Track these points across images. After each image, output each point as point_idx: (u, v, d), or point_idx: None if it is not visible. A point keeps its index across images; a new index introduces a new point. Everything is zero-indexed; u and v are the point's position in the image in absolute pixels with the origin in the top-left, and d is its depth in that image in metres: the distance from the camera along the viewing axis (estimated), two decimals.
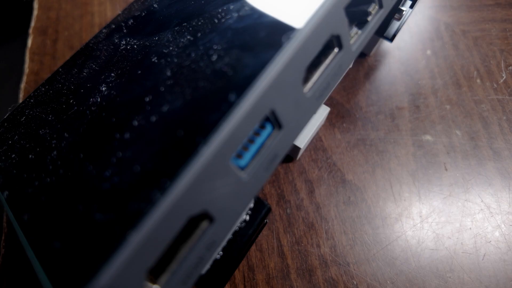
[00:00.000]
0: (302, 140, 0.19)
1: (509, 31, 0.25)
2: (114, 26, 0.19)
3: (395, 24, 0.20)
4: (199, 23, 0.14)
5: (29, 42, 0.25)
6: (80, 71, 0.17)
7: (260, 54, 0.11)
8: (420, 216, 0.19)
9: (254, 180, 0.11)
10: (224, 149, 0.09)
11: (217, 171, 0.09)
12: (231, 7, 0.14)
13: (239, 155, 0.11)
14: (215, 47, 0.12)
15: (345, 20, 0.12)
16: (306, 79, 0.12)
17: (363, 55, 0.24)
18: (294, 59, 0.11)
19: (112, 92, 0.14)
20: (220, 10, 0.14)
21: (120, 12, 0.20)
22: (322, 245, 0.19)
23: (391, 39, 0.21)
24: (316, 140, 0.21)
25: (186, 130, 0.10)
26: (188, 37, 0.14)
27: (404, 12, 0.19)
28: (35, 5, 0.26)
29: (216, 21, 0.14)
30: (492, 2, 0.26)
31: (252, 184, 0.11)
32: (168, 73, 0.13)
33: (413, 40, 0.25)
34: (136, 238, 0.08)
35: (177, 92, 0.11)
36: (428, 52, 0.24)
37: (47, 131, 0.15)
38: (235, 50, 0.11)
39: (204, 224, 0.10)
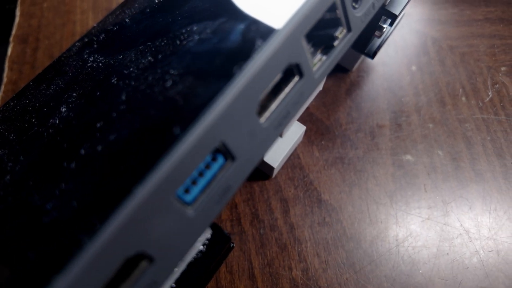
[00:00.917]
0: (276, 160, 0.19)
1: (497, 47, 0.24)
2: (86, 40, 0.19)
3: (376, 41, 0.20)
4: (162, 44, 0.14)
5: (9, 50, 0.25)
6: (47, 88, 0.17)
7: (212, 84, 0.10)
8: (396, 240, 0.19)
9: (202, 215, 0.10)
10: (164, 186, 0.09)
11: (157, 208, 0.09)
12: (195, 28, 0.13)
13: (187, 190, 0.10)
14: (171, 71, 0.12)
15: (304, 48, 0.11)
16: (263, 108, 0.11)
17: (345, 71, 0.23)
18: (245, 90, 0.10)
19: (70, 114, 0.14)
20: (184, 31, 0.14)
21: (95, 25, 0.20)
22: (294, 268, 0.18)
23: (372, 56, 0.20)
24: (294, 158, 0.21)
25: (126, 165, 0.09)
26: (149, 58, 0.13)
27: (384, 30, 0.19)
28: (17, 12, 0.26)
29: (178, 42, 0.13)
30: (482, 17, 0.25)
31: (199, 219, 0.10)
32: (123, 97, 0.12)
33: (399, 55, 0.24)
34: (61, 285, 0.08)
35: (127, 120, 0.11)
36: (414, 67, 0.24)
37: (6, 151, 0.14)
38: (189, 77, 0.11)
39: (144, 264, 0.09)
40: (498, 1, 0.26)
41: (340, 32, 0.13)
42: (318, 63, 0.13)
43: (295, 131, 0.19)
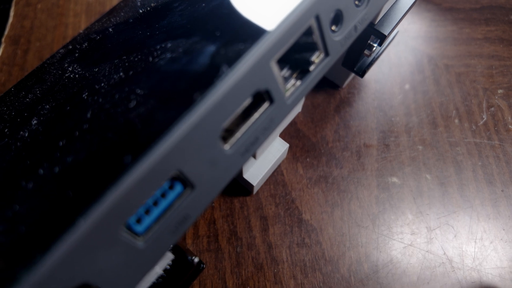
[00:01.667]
0: (256, 177, 0.18)
1: (495, 68, 0.24)
2: (70, 47, 0.18)
3: (366, 59, 0.19)
4: (136, 59, 0.13)
5: (0, 51, 0.24)
6: (25, 96, 0.17)
7: (172, 109, 0.10)
8: (376, 266, 0.18)
9: (154, 246, 0.10)
10: (110, 217, 0.09)
11: (103, 240, 0.09)
12: (169, 45, 0.13)
13: (139, 220, 0.10)
14: (137, 91, 0.11)
15: (274, 74, 0.11)
16: (230, 133, 0.11)
17: (336, 87, 0.23)
18: (206, 118, 0.10)
19: (39, 128, 0.13)
20: (158, 47, 0.13)
21: (81, 31, 0.19)
22: None
23: (361, 74, 0.20)
24: (277, 174, 0.20)
25: (75, 192, 0.09)
26: (121, 73, 0.13)
27: (374, 49, 0.18)
28: (11, 13, 0.26)
29: (150, 59, 0.13)
30: (481, 36, 0.25)
31: (151, 250, 0.10)
32: (88, 115, 0.12)
33: (392, 72, 0.23)
34: None
35: (86, 141, 0.11)
36: (407, 86, 0.23)
37: None
38: (152, 100, 0.11)
39: None
40: (499, 21, 0.25)
41: (317, 56, 0.12)
42: (292, 89, 0.12)
43: (277, 149, 0.19)
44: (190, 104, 0.10)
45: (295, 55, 0.12)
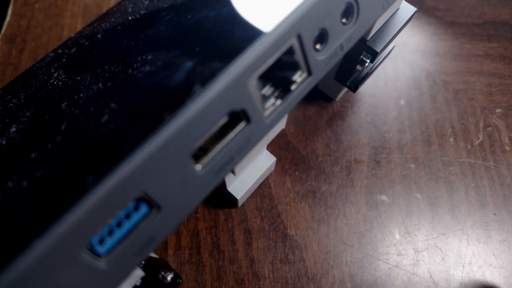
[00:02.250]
0: (241, 190, 0.18)
1: (495, 86, 0.23)
2: (60, 51, 0.18)
3: (359, 74, 0.19)
4: (116, 70, 0.13)
5: None
6: (10, 100, 0.16)
7: (141, 127, 0.10)
8: (359, 286, 0.18)
9: (117, 267, 0.10)
10: (69, 238, 0.08)
11: (61, 261, 0.09)
12: (149, 57, 0.13)
13: (102, 240, 0.10)
14: (112, 105, 0.11)
15: (251, 94, 0.11)
16: (203, 152, 0.11)
17: (329, 99, 0.22)
18: (175, 138, 0.09)
19: (16, 136, 0.13)
20: (139, 59, 0.13)
21: (72, 35, 0.19)
22: None
23: (353, 89, 0.19)
24: (265, 186, 0.20)
25: (37, 210, 0.09)
26: (100, 85, 0.13)
27: (366, 64, 0.18)
28: (9, 11, 0.26)
29: (130, 71, 0.13)
30: (482, 52, 0.24)
31: (113, 271, 0.10)
32: (63, 127, 0.12)
33: (388, 86, 0.23)
34: None
35: (56, 155, 0.11)
36: (402, 101, 0.22)
37: None
38: (124, 115, 0.11)
39: None
40: (502, 37, 0.25)
41: (299, 76, 0.12)
42: (271, 108, 0.12)
43: (264, 162, 0.18)
44: (159, 124, 0.10)
45: (277, 73, 0.12)
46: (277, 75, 0.12)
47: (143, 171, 0.09)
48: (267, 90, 0.12)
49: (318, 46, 0.12)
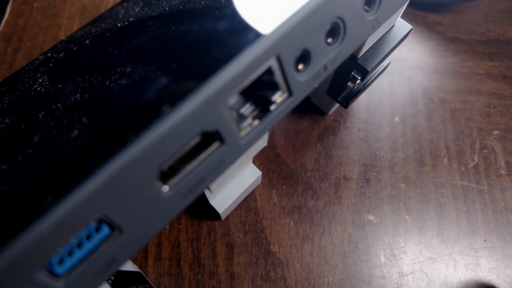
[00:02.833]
0: (223, 205, 0.18)
1: (494, 107, 0.22)
2: (49, 55, 0.18)
3: (351, 91, 0.19)
4: (95, 81, 0.13)
5: None
6: None
7: (105, 146, 0.09)
8: None
9: None
10: (24, 258, 0.08)
11: (17, 281, 0.08)
12: (128, 69, 0.13)
13: (61, 260, 0.09)
14: (83, 119, 0.11)
15: (225, 115, 0.10)
16: (173, 172, 0.10)
17: (321, 113, 0.22)
18: (139, 159, 0.09)
19: None
20: (118, 70, 0.13)
21: (64, 38, 0.19)
22: None
23: (345, 105, 0.19)
24: (250, 200, 0.20)
25: None
26: (78, 95, 0.13)
27: (358, 82, 0.17)
28: (8, 9, 0.26)
29: (107, 83, 0.12)
30: (483, 71, 0.24)
31: None
32: (36, 139, 0.12)
33: (383, 102, 0.22)
34: None
35: (24, 169, 0.10)
36: (396, 119, 0.22)
37: None
38: (91, 132, 0.10)
39: None
40: (505, 56, 0.24)
41: (279, 96, 0.12)
42: (248, 128, 0.11)
43: (249, 176, 0.18)
44: (122, 145, 0.09)
45: (256, 92, 0.12)
46: (257, 95, 0.12)
47: (102, 193, 0.09)
48: (246, 109, 0.12)
49: (300, 66, 0.12)
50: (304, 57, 0.12)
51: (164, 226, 0.11)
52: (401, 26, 0.17)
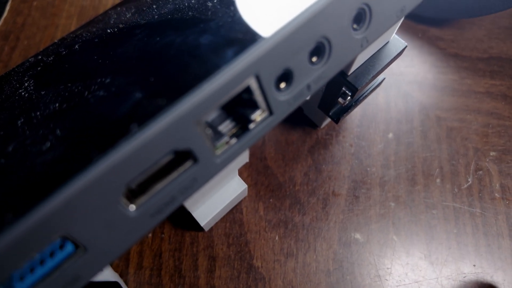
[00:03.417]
0: (206, 217, 0.17)
1: (492, 127, 0.22)
2: (39, 57, 0.18)
3: (342, 106, 0.18)
4: (76, 90, 0.13)
5: None
6: None
7: (70, 164, 0.09)
8: None
9: None
10: None
11: None
12: (107, 81, 0.12)
13: (22, 277, 0.09)
14: (57, 131, 0.11)
15: (198, 134, 0.10)
16: (141, 190, 0.10)
17: (314, 126, 0.22)
18: (102, 179, 0.09)
19: None
20: (98, 81, 0.13)
21: (56, 40, 0.19)
22: None
23: (336, 120, 0.18)
24: (236, 211, 0.20)
25: None
26: (57, 105, 0.12)
27: (348, 98, 0.17)
28: (7, 7, 0.26)
29: (86, 94, 0.12)
30: (483, 89, 0.23)
31: None
32: (10, 148, 0.11)
33: (377, 117, 0.22)
34: None
35: None
36: (390, 135, 0.21)
37: None
38: (61, 147, 0.10)
39: None
40: (506, 75, 0.23)
41: (259, 115, 0.11)
42: (225, 147, 0.11)
43: (234, 189, 0.18)
44: (87, 163, 0.09)
45: (235, 110, 0.12)
46: (236, 112, 0.12)
47: (65, 211, 0.09)
48: (225, 126, 0.12)
49: (282, 85, 0.12)
50: (286, 76, 0.12)
51: (131, 245, 0.10)
52: (396, 43, 0.17)
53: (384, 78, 0.19)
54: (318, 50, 0.12)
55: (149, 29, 0.14)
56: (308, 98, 0.12)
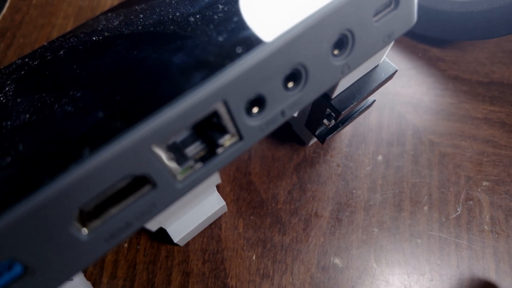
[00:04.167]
0: (180, 233, 0.17)
1: (487, 156, 0.21)
2: (26, 60, 0.18)
3: (327, 127, 0.18)
4: (49, 101, 0.13)
5: None
6: None
7: (20, 184, 0.09)
8: None
9: None
10: None
11: None
12: (78, 95, 0.12)
13: None
14: (19, 146, 0.11)
15: (157, 160, 0.10)
16: (97, 213, 0.10)
17: (302, 143, 0.21)
18: (53, 202, 0.09)
19: None
20: (70, 93, 0.12)
21: (45, 43, 0.19)
22: None
23: (321, 140, 0.18)
24: (215, 227, 0.19)
25: None
26: (27, 115, 0.12)
27: (333, 121, 0.16)
28: (7, 4, 0.26)
29: (56, 106, 0.12)
30: (481, 115, 0.22)
31: None
32: None
33: (368, 138, 0.21)
34: None
35: None
36: (380, 157, 0.21)
37: None
38: (18, 165, 0.10)
39: None
40: (506, 101, 0.23)
41: (228, 139, 0.11)
42: (189, 171, 0.11)
43: (212, 205, 0.17)
44: (38, 186, 0.09)
45: (204, 133, 0.11)
46: (205, 135, 0.11)
47: (12, 234, 0.08)
48: (192, 149, 0.11)
49: (255, 110, 0.11)
50: (259, 102, 0.11)
51: (83, 268, 0.10)
52: (386, 66, 0.16)
53: (374, 100, 0.18)
54: (294, 76, 0.11)
55: (130, 41, 0.14)
56: (281, 123, 0.12)
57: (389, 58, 0.23)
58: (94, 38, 0.16)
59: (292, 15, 0.10)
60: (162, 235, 0.19)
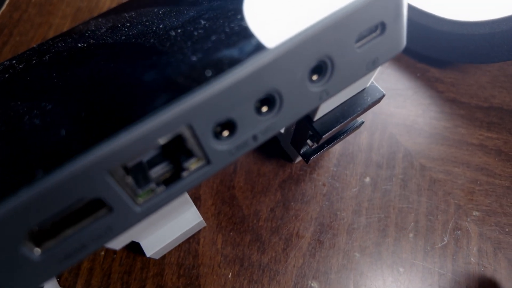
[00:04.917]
0: (153, 248, 0.17)
1: (480, 184, 0.20)
2: (14, 62, 0.18)
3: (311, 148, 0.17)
4: (21, 111, 0.12)
5: None
6: None
7: None
8: None
9: None
10: None
11: None
12: (49, 107, 0.12)
13: None
14: None
15: (113, 183, 0.09)
16: (49, 234, 0.10)
17: (289, 159, 0.21)
18: (4, 221, 0.08)
19: None
20: (42, 105, 0.12)
21: (35, 45, 0.19)
22: None
23: (306, 160, 0.17)
24: (193, 241, 0.19)
25: None
26: (3, 127, 0.12)
27: (315, 143, 0.16)
28: (6, 1, 0.26)
29: (26, 117, 0.12)
30: (477, 141, 0.21)
31: None
32: None
33: (357, 159, 0.21)
34: None
35: None
36: (367, 179, 0.20)
37: None
38: None
39: None
40: (504, 128, 0.22)
41: (194, 163, 0.11)
42: (150, 194, 0.10)
43: (188, 220, 0.17)
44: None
45: (169, 155, 0.11)
46: (171, 157, 0.11)
47: None
48: (156, 171, 0.11)
49: (225, 133, 0.11)
50: (229, 125, 0.11)
51: (44, 281, 0.10)
52: (373, 90, 0.15)
53: (363, 122, 0.18)
54: (268, 101, 0.11)
55: (110, 51, 0.14)
56: (254, 147, 0.11)
57: (385, 76, 0.23)
58: (79, 45, 0.16)
59: (269, 39, 0.10)
60: (138, 246, 0.18)
